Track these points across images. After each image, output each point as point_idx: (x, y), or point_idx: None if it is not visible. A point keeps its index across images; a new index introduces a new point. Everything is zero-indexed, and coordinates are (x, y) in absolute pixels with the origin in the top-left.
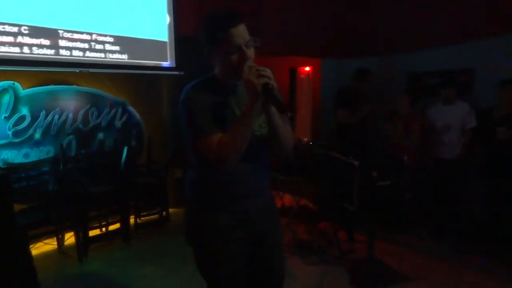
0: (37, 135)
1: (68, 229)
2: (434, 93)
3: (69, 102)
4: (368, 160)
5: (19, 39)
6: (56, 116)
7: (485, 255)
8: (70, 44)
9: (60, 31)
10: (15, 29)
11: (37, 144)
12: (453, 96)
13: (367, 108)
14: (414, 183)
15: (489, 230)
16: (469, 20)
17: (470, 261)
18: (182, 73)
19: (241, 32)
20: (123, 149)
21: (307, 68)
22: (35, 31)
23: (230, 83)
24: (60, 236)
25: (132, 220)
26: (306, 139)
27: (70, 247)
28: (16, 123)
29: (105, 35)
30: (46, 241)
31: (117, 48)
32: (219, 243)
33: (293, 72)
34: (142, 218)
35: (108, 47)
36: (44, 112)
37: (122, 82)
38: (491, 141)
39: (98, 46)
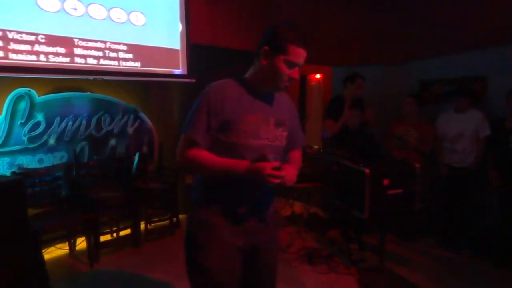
0: (51, 141)
1: (80, 234)
2: (445, 101)
3: (83, 109)
4: (378, 168)
5: (36, 47)
6: (70, 123)
7: (498, 265)
8: (85, 52)
9: (76, 40)
10: (32, 38)
11: (51, 150)
12: (464, 105)
13: (355, 115)
14: (425, 192)
15: (502, 240)
16: (483, 27)
17: (483, 271)
18: (193, 80)
19: (303, 56)
20: (134, 155)
21: (318, 76)
22: (51, 40)
23: (261, 88)
24: (72, 241)
25: (142, 226)
26: (316, 147)
27: (81, 252)
28: (32, 129)
29: (119, 43)
30: (58, 245)
31: (130, 56)
32: (213, 246)
33: (303, 80)
34: (152, 224)
35: (121, 55)
36: (58, 118)
37: (134, 89)
38: (504, 150)
39: (112, 54)
